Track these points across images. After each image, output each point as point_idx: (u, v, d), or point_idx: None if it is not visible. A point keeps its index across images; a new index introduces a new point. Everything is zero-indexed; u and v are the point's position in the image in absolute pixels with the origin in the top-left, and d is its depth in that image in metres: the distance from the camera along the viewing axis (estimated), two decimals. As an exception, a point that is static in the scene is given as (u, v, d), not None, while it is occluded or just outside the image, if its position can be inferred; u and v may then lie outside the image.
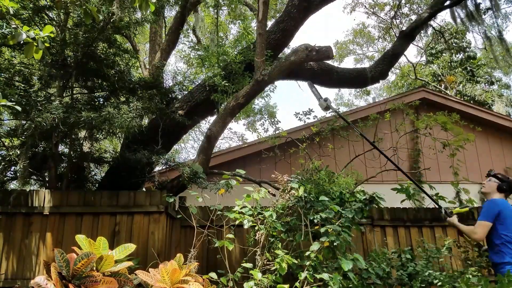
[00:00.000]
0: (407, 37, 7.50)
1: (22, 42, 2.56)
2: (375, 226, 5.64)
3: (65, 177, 5.37)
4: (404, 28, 9.82)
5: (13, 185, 7.60)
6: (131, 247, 3.78)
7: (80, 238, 3.63)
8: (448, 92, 16.69)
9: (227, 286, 3.94)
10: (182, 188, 5.43)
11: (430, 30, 12.08)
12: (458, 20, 8.54)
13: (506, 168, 8.49)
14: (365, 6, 15.98)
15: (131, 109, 4.89)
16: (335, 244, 3.95)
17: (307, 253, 4.04)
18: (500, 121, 8.62)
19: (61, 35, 5.01)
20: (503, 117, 8.86)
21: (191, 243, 4.37)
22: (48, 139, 5.15)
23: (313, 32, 44.69)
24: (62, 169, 5.66)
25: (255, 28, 6.07)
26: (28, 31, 2.55)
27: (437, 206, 4.44)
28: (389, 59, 7.49)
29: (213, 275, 3.85)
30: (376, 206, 4.58)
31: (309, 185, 4.53)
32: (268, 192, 4.73)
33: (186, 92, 6.46)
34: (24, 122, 4.78)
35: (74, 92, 5.59)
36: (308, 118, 6.30)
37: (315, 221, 4.22)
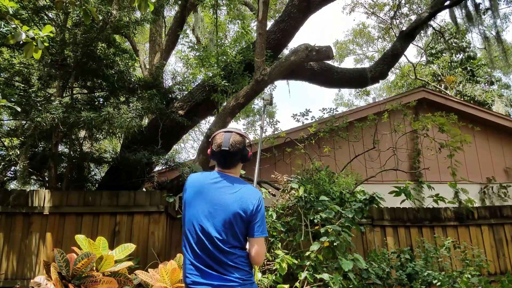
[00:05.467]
0: (407, 37, 7.51)
1: (21, 42, 2.56)
2: (375, 226, 5.64)
3: (65, 177, 5.37)
4: (404, 28, 9.82)
5: (13, 185, 7.61)
6: (131, 247, 3.78)
7: (80, 238, 3.64)
8: (448, 92, 16.69)
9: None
10: (182, 188, 5.43)
11: (430, 30, 12.07)
12: (458, 20, 8.56)
13: (506, 168, 8.48)
14: (365, 7, 15.97)
15: (131, 109, 4.89)
16: (335, 244, 3.95)
17: (307, 253, 4.05)
18: (500, 121, 8.61)
19: (60, 35, 5.01)
20: (503, 117, 8.84)
21: (191, 243, 4.35)
22: (48, 139, 5.15)
23: (313, 32, 44.73)
24: (62, 169, 5.66)
25: (255, 28, 6.07)
26: (28, 31, 2.55)
27: None
28: (389, 59, 7.50)
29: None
30: (376, 206, 4.58)
31: (309, 185, 4.54)
32: (268, 192, 4.74)
33: (186, 92, 6.46)
34: (24, 122, 4.78)
35: (74, 92, 5.59)
36: (306, 119, 6.31)
37: (315, 221, 4.22)
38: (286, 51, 8.65)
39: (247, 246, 1.97)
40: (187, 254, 1.94)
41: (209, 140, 2.13)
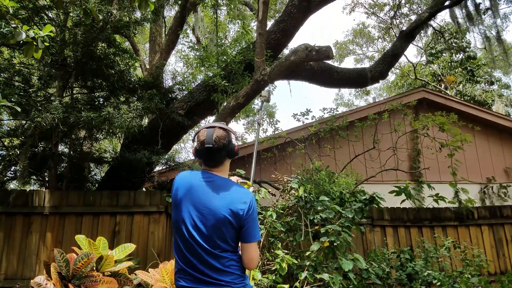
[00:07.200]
0: (407, 37, 7.50)
1: (21, 41, 2.56)
2: (375, 226, 5.65)
3: (65, 177, 5.37)
4: (404, 28, 9.82)
5: (13, 185, 7.61)
6: (131, 247, 3.77)
7: (80, 238, 3.63)
8: (448, 92, 16.70)
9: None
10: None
11: (430, 30, 12.07)
12: (458, 20, 8.55)
13: (506, 168, 8.48)
14: (365, 6, 15.96)
15: (131, 109, 4.89)
16: (335, 244, 3.95)
17: (307, 253, 4.05)
18: (500, 121, 8.61)
19: (60, 35, 5.01)
20: (503, 117, 8.84)
21: (191, 243, 4.35)
22: (48, 139, 5.15)
23: (313, 32, 44.72)
24: (62, 169, 5.66)
25: (255, 28, 6.07)
26: (28, 30, 2.55)
27: None
28: (389, 59, 7.49)
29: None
30: (376, 206, 4.58)
31: (309, 185, 4.54)
32: (268, 192, 4.73)
33: (186, 92, 6.46)
34: (24, 122, 4.78)
35: (74, 92, 5.59)
36: (307, 119, 6.32)
37: (315, 221, 4.22)
38: (286, 51, 8.64)
39: (239, 248, 1.90)
40: (177, 258, 1.88)
41: (192, 139, 1.99)
